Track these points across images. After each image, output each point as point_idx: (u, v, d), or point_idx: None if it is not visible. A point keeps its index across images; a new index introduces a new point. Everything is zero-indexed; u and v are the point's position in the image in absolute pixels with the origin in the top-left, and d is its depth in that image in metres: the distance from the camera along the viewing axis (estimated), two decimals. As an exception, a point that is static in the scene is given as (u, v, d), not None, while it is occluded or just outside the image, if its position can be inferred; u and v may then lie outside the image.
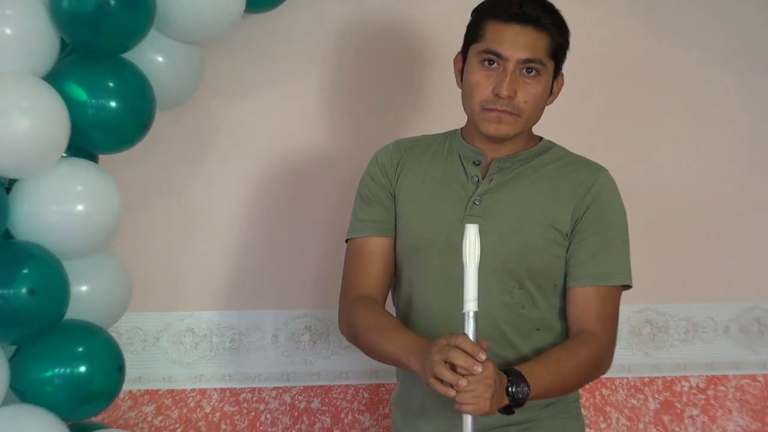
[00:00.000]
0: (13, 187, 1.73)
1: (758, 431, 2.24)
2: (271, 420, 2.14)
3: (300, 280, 2.15)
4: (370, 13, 2.13)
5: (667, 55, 2.20)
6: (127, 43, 1.75)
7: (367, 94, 2.15)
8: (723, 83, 2.22)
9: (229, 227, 2.14)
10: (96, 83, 1.73)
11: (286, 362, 2.15)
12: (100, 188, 1.75)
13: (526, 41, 1.51)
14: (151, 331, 2.11)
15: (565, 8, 1.58)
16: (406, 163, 1.64)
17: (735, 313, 2.24)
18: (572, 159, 1.62)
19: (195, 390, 2.12)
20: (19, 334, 1.70)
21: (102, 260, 1.83)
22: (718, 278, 2.23)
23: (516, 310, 1.56)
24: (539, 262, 1.55)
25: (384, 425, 2.17)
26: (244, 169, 2.13)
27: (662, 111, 2.21)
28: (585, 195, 1.56)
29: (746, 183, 2.24)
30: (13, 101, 1.65)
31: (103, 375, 1.75)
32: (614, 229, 1.57)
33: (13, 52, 1.68)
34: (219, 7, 1.79)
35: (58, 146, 1.70)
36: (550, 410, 1.58)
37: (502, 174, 1.58)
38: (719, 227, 2.23)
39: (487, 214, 1.55)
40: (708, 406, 2.23)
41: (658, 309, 2.20)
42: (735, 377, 2.23)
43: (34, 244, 1.71)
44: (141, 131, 1.80)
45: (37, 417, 1.68)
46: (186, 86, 1.91)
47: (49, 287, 1.68)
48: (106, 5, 1.67)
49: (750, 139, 2.24)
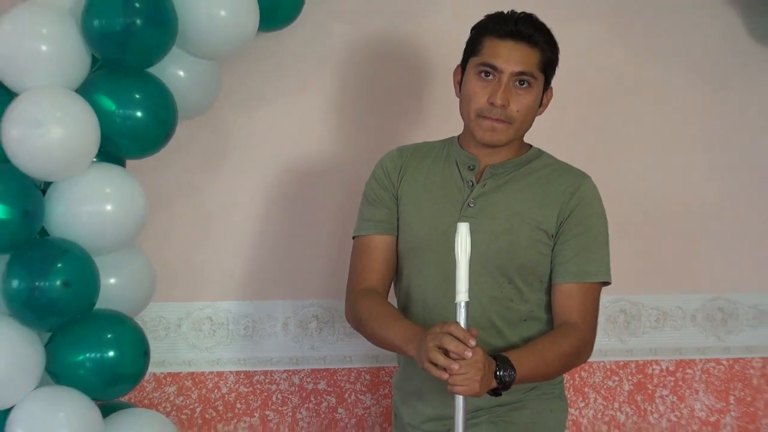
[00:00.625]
0: (48, 189, 1.73)
1: (722, 410, 2.25)
2: (282, 400, 2.15)
3: (308, 273, 2.15)
4: (372, 30, 2.13)
5: (639, 70, 2.21)
6: (151, 59, 1.76)
7: (371, 104, 2.15)
8: (689, 94, 2.22)
9: (244, 225, 2.13)
10: (123, 95, 1.74)
11: (296, 347, 2.15)
12: (127, 190, 1.76)
13: (520, 56, 1.52)
14: (173, 319, 2.11)
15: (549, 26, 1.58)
16: (408, 168, 1.64)
17: (701, 303, 2.25)
18: (559, 166, 1.62)
19: (213, 372, 2.13)
20: (54, 322, 1.71)
21: (129, 255, 1.83)
22: (686, 272, 2.24)
23: (505, 303, 1.56)
24: (527, 260, 1.55)
25: (384, 404, 2.17)
26: (258, 173, 2.13)
27: (635, 120, 2.21)
28: (569, 200, 1.56)
29: (710, 187, 2.24)
30: (48, 112, 1.66)
31: (130, 359, 1.75)
32: (595, 231, 1.57)
33: (48, 66, 1.69)
34: (234, 26, 1.80)
35: (89, 152, 1.71)
36: (536, 392, 1.59)
37: (495, 179, 1.58)
38: (687, 227, 2.23)
39: (480, 216, 1.55)
40: (677, 387, 2.24)
41: (632, 299, 2.21)
42: (701, 361, 2.24)
43: (68, 240, 1.71)
44: (164, 139, 1.80)
45: (70, 397, 1.69)
46: (205, 98, 1.91)
47: (81, 280, 1.69)
48: (133, 25, 1.68)
49: (714, 145, 2.24)
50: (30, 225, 1.69)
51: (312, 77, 2.13)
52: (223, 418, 2.13)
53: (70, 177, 1.71)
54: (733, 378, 2.25)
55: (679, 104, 2.22)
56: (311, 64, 2.12)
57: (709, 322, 2.24)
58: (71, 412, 1.67)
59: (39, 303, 1.66)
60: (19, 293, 1.66)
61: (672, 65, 2.21)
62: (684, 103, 2.23)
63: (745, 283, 2.25)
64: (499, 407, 1.56)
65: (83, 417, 1.68)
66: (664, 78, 2.21)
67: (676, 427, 2.24)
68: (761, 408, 2.26)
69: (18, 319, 1.69)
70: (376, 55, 2.14)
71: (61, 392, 1.70)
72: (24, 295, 1.66)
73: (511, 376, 1.42)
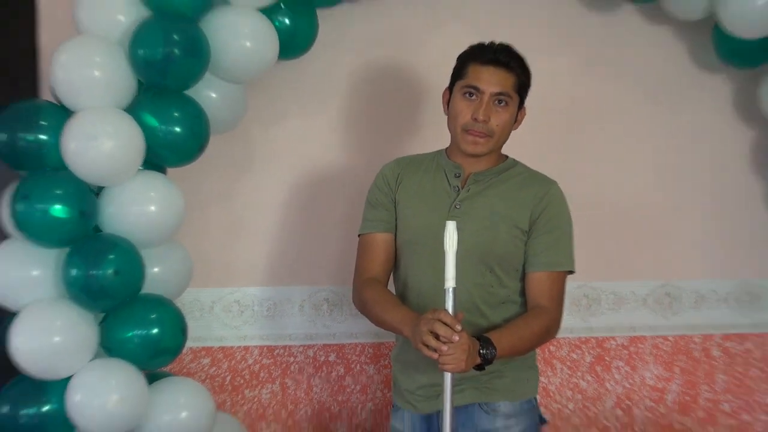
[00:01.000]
0: (101, 192, 1.73)
1: (668, 378, 2.23)
2: (298, 369, 2.14)
3: (321, 264, 2.14)
4: (373, 60, 2.12)
5: (600, 94, 2.19)
6: (188, 83, 1.75)
7: (373, 121, 2.14)
8: (642, 112, 2.21)
9: (266, 224, 2.13)
10: (164, 113, 1.73)
11: (310, 326, 2.14)
12: (167, 194, 1.75)
13: (498, 79, 1.52)
14: (207, 302, 2.10)
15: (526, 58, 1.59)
16: (404, 176, 1.64)
17: (651, 288, 2.22)
18: (531, 174, 1.62)
19: (240, 347, 2.12)
20: (106, 304, 1.70)
21: (169, 248, 1.83)
22: (638, 262, 2.22)
23: (487, 288, 1.56)
24: (505, 252, 1.56)
25: (384, 374, 2.16)
26: (278, 179, 2.12)
27: (596, 135, 2.20)
28: (540, 202, 1.56)
29: (659, 191, 2.22)
30: (101, 128, 1.65)
31: (171, 335, 1.75)
32: (562, 228, 1.58)
33: (101, 89, 1.69)
34: (257, 55, 1.79)
35: (135, 162, 1.70)
36: (513, 363, 1.59)
37: (478, 185, 1.58)
38: (639, 224, 2.22)
39: (465, 216, 1.55)
40: (630, 359, 2.22)
41: (593, 286, 2.19)
42: (651, 337, 2.22)
43: (118, 236, 1.71)
44: (199, 150, 1.80)
45: (120, 367, 1.69)
46: (233, 116, 1.91)
47: (129, 269, 1.69)
48: (172, 54, 1.68)
49: (661, 155, 2.22)
50: (86, 223, 1.69)
51: (323, 99, 2.12)
52: (249, 385, 2.13)
53: (119, 183, 1.71)
54: (678, 352, 2.23)
55: (633, 121, 2.21)
56: (323, 88, 2.12)
57: (658, 305, 2.23)
58: (121, 380, 1.67)
59: (93, 288, 1.65)
60: (76, 280, 1.66)
61: (628, 89, 2.20)
62: (637, 120, 2.21)
63: (688, 272, 2.23)
64: (482, 376, 1.55)
65: (131, 384, 1.68)
66: (621, 100, 2.20)
67: (629, 392, 2.23)
68: (701, 377, 2.24)
69: (76, 302, 1.68)
70: (376, 80, 2.13)
71: (112, 363, 1.69)
72: (81, 282, 1.65)
73: (492, 353, 1.43)
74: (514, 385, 1.58)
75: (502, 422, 1.56)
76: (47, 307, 1.66)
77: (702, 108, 2.22)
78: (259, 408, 2.12)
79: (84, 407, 1.63)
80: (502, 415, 1.56)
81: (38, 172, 1.68)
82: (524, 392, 1.60)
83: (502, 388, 1.56)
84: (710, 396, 2.23)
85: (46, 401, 1.67)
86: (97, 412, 1.63)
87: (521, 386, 1.60)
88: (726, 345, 2.24)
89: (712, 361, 2.23)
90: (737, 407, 2.24)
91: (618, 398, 2.21)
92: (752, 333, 2.24)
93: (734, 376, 2.24)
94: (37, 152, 1.68)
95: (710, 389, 2.23)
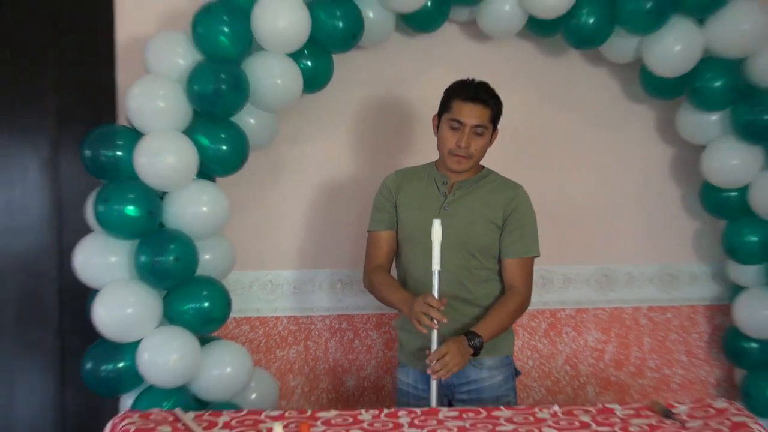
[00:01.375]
0: (164, 196, 1.74)
1: (606, 341, 2.23)
2: (318, 334, 2.14)
3: (336, 252, 2.13)
4: (377, 93, 2.12)
5: (556, 118, 2.20)
6: (232, 112, 1.76)
7: (377, 141, 2.13)
8: (586, 133, 2.21)
9: (292, 221, 2.12)
10: (214, 135, 1.74)
11: (327, 300, 2.13)
12: (216, 198, 1.76)
13: (477, 113, 1.52)
14: (247, 282, 2.09)
15: (497, 90, 1.59)
16: (402, 185, 1.64)
17: (592, 271, 2.23)
18: (502, 180, 1.63)
19: (273, 317, 2.11)
20: (169, 284, 1.72)
21: (217, 240, 1.83)
22: (583, 250, 2.22)
23: (471, 270, 1.57)
24: (484, 242, 1.56)
25: (385, 338, 2.16)
26: (302, 187, 2.11)
27: (553, 150, 2.19)
28: (510, 203, 1.57)
29: (599, 193, 2.23)
30: (165, 146, 1.67)
31: (218, 308, 1.76)
32: (528, 223, 1.59)
33: (165, 116, 1.70)
34: (286, 90, 1.80)
35: (191, 173, 1.71)
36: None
37: (461, 191, 1.59)
38: (584, 219, 2.22)
39: (452, 215, 1.56)
40: (576, 326, 2.23)
41: (547, 268, 2.19)
42: (592, 309, 2.23)
43: (178, 230, 1.72)
44: (240, 164, 1.80)
45: (180, 333, 1.70)
46: (266, 137, 1.91)
47: (186, 256, 1.70)
48: (220, 89, 1.69)
49: (602, 164, 2.22)
50: (153, 220, 1.70)
51: (337, 124, 2.12)
52: (279, 346, 2.12)
53: (178, 189, 1.72)
54: (613, 321, 2.24)
55: (578, 140, 2.21)
56: (337, 115, 2.11)
57: (598, 284, 2.23)
58: (180, 343, 1.68)
59: (158, 272, 1.67)
60: (145, 265, 1.67)
61: (575, 115, 2.21)
62: (582, 139, 2.22)
63: (621, 258, 2.23)
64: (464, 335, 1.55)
65: (187, 346, 1.69)
66: (569, 124, 2.21)
67: (575, 352, 2.23)
68: (632, 340, 2.25)
69: (145, 282, 1.69)
70: (378, 109, 2.13)
71: (173, 329, 1.70)
72: (148, 267, 1.66)
73: (480, 341, 1.45)
74: (495, 344, 1.57)
75: (487, 373, 1.57)
76: (122, 286, 1.67)
77: (632, 129, 2.23)
78: (287, 364, 2.13)
79: (151, 364, 1.65)
80: (487, 368, 1.57)
81: (115, 181, 1.70)
82: (503, 349, 1.61)
83: (487, 347, 1.54)
84: (639, 355, 2.24)
85: (121, 359, 1.69)
86: (161, 368, 1.65)
87: (500, 345, 1.59)
88: (651, 315, 2.25)
89: (640, 328, 2.24)
90: (660, 363, 2.25)
91: (567, 357, 2.22)
92: (671, 306, 2.25)
93: (657, 339, 2.25)
94: (114, 165, 1.69)
95: (639, 350, 2.24)
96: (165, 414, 1.37)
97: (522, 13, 1.91)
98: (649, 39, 1.92)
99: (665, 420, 1.35)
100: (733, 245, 2.04)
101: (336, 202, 2.12)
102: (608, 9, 1.88)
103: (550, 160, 2.19)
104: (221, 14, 1.70)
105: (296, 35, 1.74)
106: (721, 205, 2.07)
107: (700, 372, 2.27)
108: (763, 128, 1.91)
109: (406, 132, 2.13)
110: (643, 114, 2.23)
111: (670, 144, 2.24)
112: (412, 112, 2.12)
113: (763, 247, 2.00)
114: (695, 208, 2.21)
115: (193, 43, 1.73)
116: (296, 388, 2.13)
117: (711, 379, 2.27)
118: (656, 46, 1.91)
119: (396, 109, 2.13)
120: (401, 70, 2.11)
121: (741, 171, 1.98)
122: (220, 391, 1.74)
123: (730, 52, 1.90)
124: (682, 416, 1.36)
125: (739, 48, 1.89)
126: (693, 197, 2.20)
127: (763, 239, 1.99)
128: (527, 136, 2.17)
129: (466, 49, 2.12)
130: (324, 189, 2.12)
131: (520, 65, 2.16)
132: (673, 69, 1.93)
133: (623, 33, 1.94)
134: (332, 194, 2.12)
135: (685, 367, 2.26)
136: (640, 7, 1.83)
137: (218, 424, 1.33)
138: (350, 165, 2.12)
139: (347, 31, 1.80)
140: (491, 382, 1.58)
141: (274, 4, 1.71)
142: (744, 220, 2.03)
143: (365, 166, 2.12)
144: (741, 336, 2.09)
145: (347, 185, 2.12)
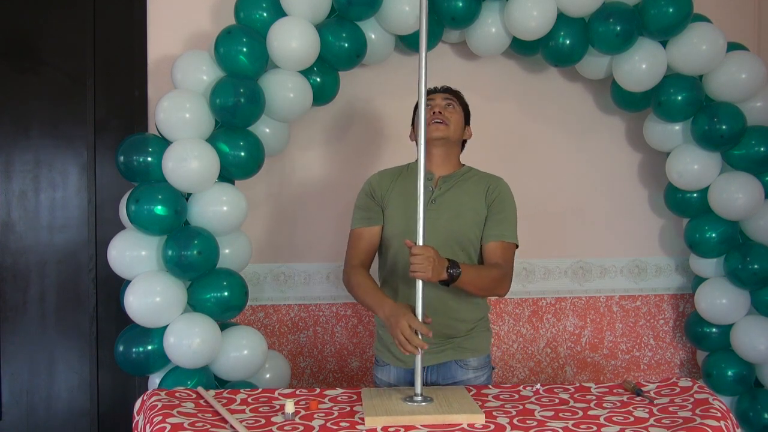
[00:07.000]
0: (189, 197, 1.74)
1: (582, 326, 2.23)
2: (325, 320, 2.13)
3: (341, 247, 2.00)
4: (379, 104, 2.13)
5: (536, 127, 2.20)
6: (249, 122, 1.76)
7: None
8: (563, 140, 2.21)
9: (304, 220, 2.11)
10: (234, 143, 1.74)
11: (333, 290, 2.12)
12: (235, 198, 1.76)
13: (444, 95, 1.54)
14: (262, 273, 2.09)
15: (477, 100, 1.58)
16: (387, 183, 1.56)
17: (570, 264, 2.23)
18: (484, 175, 1.58)
19: (285, 305, 2.11)
20: (192, 275, 1.71)
21: (236, 236, 1.83)
22: (562, 244, 2.22)
23: (458, 255, 1.49)
24: (471, 236, 1.51)
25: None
26: (312, 188, 2.10)
27: (533, 155, 2.20)
28: (491, 192, 1.52)
29: (575, 194, 2.23)
30: (190, 153, 1.67)
31: (237, 297, 1.75)
32: (508, 212, 1.52)
33: (190, 127, 1.70)
34: (298, 103, 1.81)
35: (213, 176, 1.72)
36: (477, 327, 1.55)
37: (446, 185, 1.54)
38: (562, 218, 2.21)
39: (439, 209, 1.51)
40: (556, 313, 2.23)
41: (530, 261, 2.19)
42: (570, 298, 2.23)
43: (201, 227, 1.72)
44: (257, 168, 1.80)
45: (202, 319, 1.70)
46: (280, 144, 1.91)
47: (208, 250, 1.70)
48: (239, 103, 1.69)
49: (579, 168, 2.22)
50: (179, 218, 1.70)
51: (343, 132, 2.13)
52: (291, 331, 2.12)
53: (202, 190, 1.72)
54: (589, 308, 2.24)
55: (557, 146, 2.22)
56: (343, 124, 2.12)
57: (575, 275, 2.23)
58: (202, 328, 1.68)
59: (183, 264, 1.67)
60: (172, 258, 1.67)
61: (553, 125, 2.21)
62: (559, 145, 2.22)
63: (596, 252, 2.23)
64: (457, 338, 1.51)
65: (209, 331, 1.69)
66: (548, 132, 2.21)
67: (555, 336, 2.23)
68: (605, 325, 2.25)
69: (171, 274, 1.70)
70: (381, 118, 2.14)
71: (196, 316, 1.70)
72: (175, 260, 1.66)
73: (457, 272, 1.33)
74: (478, 344, 1.52)
75: (473, 374, 1.51)
76: (151, 277, 1.68)
77: (604, 137, 2.23)
78: (298, 347, 2.12)
79: (176, 347, 1.65)
80: (472, 368, 1.51)
81: (146, 183, 1.70)
82: (484, 349, 1.54)
83: (471, 347, 1.51)
84: (612, 339, 2.24)
85: (149, 342, 1.70)
86: (185, 350, 1.65)
87: (482, 345, 1.54)
88: (622, 303, 2.24)
89: (613, 315, 2.24)
90: (630, 346, 2.25)
91: (548, 341, 2.22)
92: (640, 295, 2.25)
93: (628, 324, 2.25)
94: (145, 169, 1.70)
95: (612, 334, 2.24)
96: (188, 392, 1.38)
97: (506, 35, 1.94)
98: (619, 58, 1.94)
99: (636, 397, 1.35)
100: (694, 240, 2.05)
101: (342, 202, 2.11)
102: (582, 32, 1.90)
103: (532, 165, 2.20)
104: (241, 36, 1.72)
105: (307, 55, 1.76)
106: (683, 205, 2.08)
107: (666, 354, 2.27)
108: (719, 137, 1.92)
109: (405, 139, 2.10)
110: (614, 124, 2.24)
111: (638, 150, 2.24)
112: (393, 122, 2.11)
113: (720, 242, 2.00)
114: (660, 207, 2.21)
115: (215, 62, 1.75)
116: (306, 368, 2.13)
117: (676, 360, 2.27)
118: (625, 65, 1.93)
119: (395, 119, 2.13)
120: (400, 85, 2.11)
121: (701, 174, 1.98)
122: (238, 372, 1.75)
123: (690, 70, 1.93)
124: (650, 393, 1.37)
125: (698, 66, 1.91)
126: (658, 197, 2.21)
127: (720, 235, 2.00)
128: (511, 144, 2.18)
129: (457, 67, 2.13)
130: (331, 190, 2.12)
131: (505, 81, 2.17)
132: (640, 84, 1.95)
133: (596, 53, 1.96)
134: (338, 195, 2.11)
135: (653, 349, 2.26)
136: (611, 31, 1.85)
137: (236, 401, 1.34)
138: (355, 169, 2.12)
139: (352, 51, 1.82)
140: (476, 383, 1.52)
141: (287, 28, 1.73)
142: (704, 217, 2.03)
143: (369, 170, 2.07)
144: (702, 321, 2.09)
145: (352, 187, 2.08)
